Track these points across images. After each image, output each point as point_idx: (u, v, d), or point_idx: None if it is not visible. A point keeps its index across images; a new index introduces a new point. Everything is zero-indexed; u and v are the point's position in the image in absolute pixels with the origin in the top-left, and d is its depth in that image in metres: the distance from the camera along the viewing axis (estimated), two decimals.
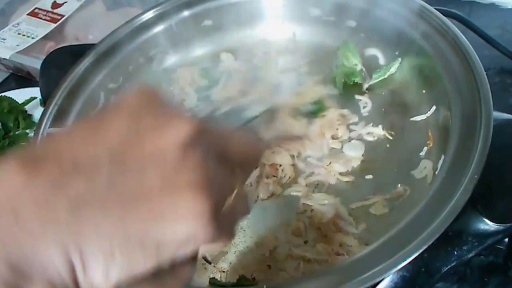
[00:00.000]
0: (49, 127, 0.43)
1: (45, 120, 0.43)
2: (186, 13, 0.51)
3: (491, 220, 0.31)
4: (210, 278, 0.36)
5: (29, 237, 0.16)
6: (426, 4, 0.43)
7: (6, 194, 0.16)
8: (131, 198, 0.17)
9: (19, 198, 0.16)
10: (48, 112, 0.44)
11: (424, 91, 0.43)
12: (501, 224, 0.31)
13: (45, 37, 0.66)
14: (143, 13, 0.51)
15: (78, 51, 0.50)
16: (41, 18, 0.68)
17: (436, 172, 0.36)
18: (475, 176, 0.30)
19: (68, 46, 0.58)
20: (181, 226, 0.17)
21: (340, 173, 0.40)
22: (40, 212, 0.16)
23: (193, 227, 0.17)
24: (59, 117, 0.44)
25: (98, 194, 0.17)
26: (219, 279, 0.36)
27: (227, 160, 0.20)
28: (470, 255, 0.31)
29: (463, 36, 0.39)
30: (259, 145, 0.24)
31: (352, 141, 0.42)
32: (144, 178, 0.17)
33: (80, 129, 0.18)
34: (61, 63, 0.50)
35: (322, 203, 0.39)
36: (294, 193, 0.40)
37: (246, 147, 0.22)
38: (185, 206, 0.17)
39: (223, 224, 0.19)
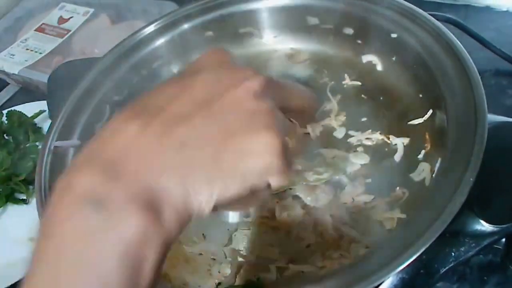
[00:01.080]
0: (56, 140, 0.44)
1: (52, 133, 0.44)
2: (187, 25, 0.52)
3: (487, 222, 0.31)
4: (217, 284, 0.37)
5: (153, 174, 0.21)
6: (420, 10, 0.44)
7: (127, 140, 0.21)
8: (220, 138, 0.22)
9: (137, 144, 0.21)
10: (55, 126, 0.45)
11: (420, 95, 0.44)
12: (496, 226, 0.31)
13: (52, 52, 0.68)
14: (146, 26, 0.52)
15: (84, 65, 0.51)
16: (48, 34, 0.70)
17: (433, 175, 0.37)
18: (471, 179, 0.31)
19: (74, 60, 0.59)
20: (260, 159, 0.22)
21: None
22: (157, 155, 0.21)
23: (269, 159, 0.22)
24: (66, 130, 0.45)
25: (195, 138, 0.22)
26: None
27: (287, 109, 0.25)
28: (467, 255, 0.32)
29: (457, 40, 0.40)
30: (314, 100, 0.29)
31: (358, 150, 0.43)
32: (228, 122, 0.22)
33: (171, 87, 0.23)
34: (68, 77, 0.52)
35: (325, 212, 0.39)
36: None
37: (304, 101, 0.27)
38: (262, 143, 0.22)
39: (288, 160, 0.23)
